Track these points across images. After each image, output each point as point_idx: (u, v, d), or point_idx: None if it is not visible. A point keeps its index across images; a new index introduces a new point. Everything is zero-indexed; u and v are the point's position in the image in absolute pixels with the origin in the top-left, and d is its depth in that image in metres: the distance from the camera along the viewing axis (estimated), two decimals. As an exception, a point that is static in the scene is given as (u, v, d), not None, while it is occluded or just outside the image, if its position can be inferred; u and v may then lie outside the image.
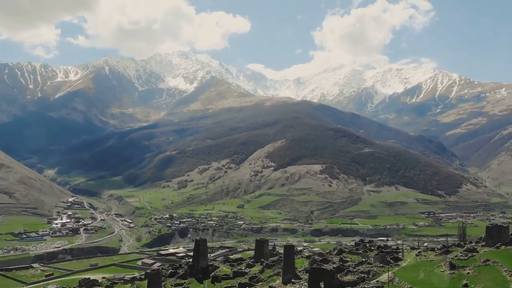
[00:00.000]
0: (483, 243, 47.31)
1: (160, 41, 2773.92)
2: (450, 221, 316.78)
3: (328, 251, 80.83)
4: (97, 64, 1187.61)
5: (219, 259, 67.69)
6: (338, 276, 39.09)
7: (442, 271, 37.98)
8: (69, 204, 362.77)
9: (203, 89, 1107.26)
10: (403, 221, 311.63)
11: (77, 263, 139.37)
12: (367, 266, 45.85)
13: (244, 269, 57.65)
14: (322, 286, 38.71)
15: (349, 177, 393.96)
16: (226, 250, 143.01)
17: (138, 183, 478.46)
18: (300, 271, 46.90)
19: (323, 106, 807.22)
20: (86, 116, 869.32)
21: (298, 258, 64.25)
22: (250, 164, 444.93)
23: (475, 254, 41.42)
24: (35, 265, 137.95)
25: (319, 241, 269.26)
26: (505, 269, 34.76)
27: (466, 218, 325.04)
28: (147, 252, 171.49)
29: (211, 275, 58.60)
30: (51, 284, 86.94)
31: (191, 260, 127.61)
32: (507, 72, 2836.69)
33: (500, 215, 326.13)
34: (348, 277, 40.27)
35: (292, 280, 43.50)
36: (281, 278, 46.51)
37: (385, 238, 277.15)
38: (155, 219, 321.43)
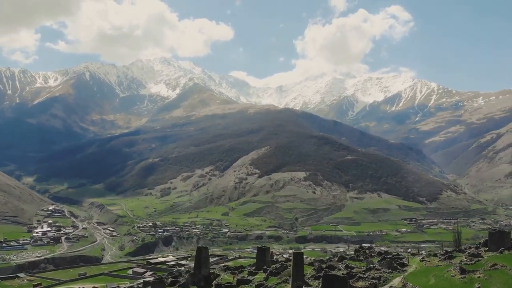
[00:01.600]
0: (486, 248, 48.90)
1: (142, 47, 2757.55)
2: (432, 227, 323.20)
3: (328, 257, 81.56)
4: (77, 70, 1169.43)
5: (217, 267, 67.32)
6: (350, 282, 39.85)
7: (452, 276, 39.07)
8: (49, 212, 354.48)
9: (185, 96, 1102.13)
10: (386, 228, 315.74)
11: (64, 273, 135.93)
12: (375, 272, 46.72)
13: (247, 277, 57.72)
14: None
15: (333, 184, 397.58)
16: (217, 258, 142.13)
17: (120, 191, 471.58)
18: (308, 278, 47.38)
19: (306, 113, 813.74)
20: (65, 122, 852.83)
21: None
22: (234, 171, 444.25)
23: (480, 259, 42.79)
24: (21, 274, 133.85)
25: (304, 248, 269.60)
26: None
27: (447, 225, 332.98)
28: (135, 261, 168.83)
29: (213, 283, 58.49)
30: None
31: (182, 268, 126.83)
32: (484, 82, 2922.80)
33: (480, 221, 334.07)
34: (360, 283, 40.99)
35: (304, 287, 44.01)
36: (289, 286, 46.94)
37: (369, 244, 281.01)
38: (138, 227, 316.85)
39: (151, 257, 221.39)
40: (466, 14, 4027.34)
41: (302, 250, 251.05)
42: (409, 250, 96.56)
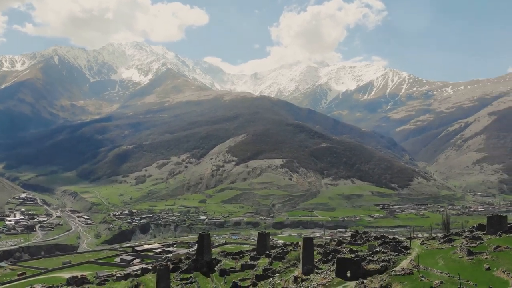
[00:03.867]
0: (485, 232, 51.95)
1: (113, 31, 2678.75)
2: (403, 212, 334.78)
3: (325, 242, 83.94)
4: (46, 54, 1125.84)
5: (215, 253, 68.25)
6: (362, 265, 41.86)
7: (460, 257, 41.48)
8: (21, 200, 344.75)
9: (158, 82, 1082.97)
10: (359, 213, 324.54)
11: (47, 262, 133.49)
12: (382, 255, 48.93)
13: (250, 262, 59.09)
14: (349, 274, 41.22)
15: (308, 171, 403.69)
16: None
17: (93, 178, 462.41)
18: (316, 262, 49.03)
19: (281, 101, 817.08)
20: (34, 108, 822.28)
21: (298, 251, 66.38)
22: (211, 158, 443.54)
23: (482, 241, 45.58)
24: (2, 264, 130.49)
25: (281, 234, 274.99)
26: None
27: (418, 210, 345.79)
28: (119, 249, 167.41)
29: (216, 268, 59.47)
30: (31, 283, 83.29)
31: (170, 255, 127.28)
32: (453, 72, 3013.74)
33: (449, 207, 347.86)
34: (371, 266, 42.94)
35: (316, 271, 45.53)
36: (297, 270, 48.51)
37: (344, 230, 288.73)
38: (114, 215, 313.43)
39: (128, 244, 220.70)
40: (438, 5, 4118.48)
41: (279, 235, 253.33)
42: (410, 234, 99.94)
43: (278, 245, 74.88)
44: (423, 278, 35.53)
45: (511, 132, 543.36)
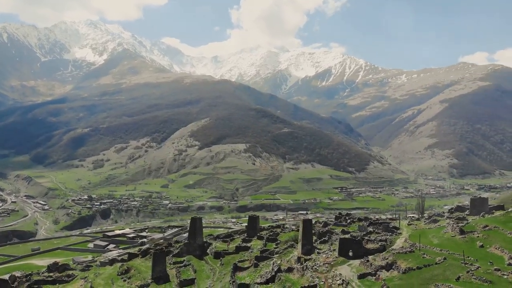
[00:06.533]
0: (467, 213, 56.35)
1: (66, 8, 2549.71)
2: (361, 195, 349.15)
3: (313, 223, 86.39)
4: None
5: (209, 237, 69.13)
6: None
7: (452, 236, 45.04)
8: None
9: (114, 62, 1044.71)
10: (319, 196, 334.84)
11: (14, 248, 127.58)
12: (377, 235, 51.99)
13: (242, 244, 60.50)
14: (351, 254, 43.73)
15: (271, 155, 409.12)
16: (178, 229, 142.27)
17: (48, 162, 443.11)
18: (314, 242, 51.25)
19: (243, 86, 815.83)
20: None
21: (288, 232, 68.56)
22: (173, 143, 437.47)
23: (468, 222, 49.54)
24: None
25: (245, 217, 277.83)
26: (508, 232, 42.68)
27: (374, 193, 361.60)
28: (89, 234, 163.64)
29: (208, 251, 60.39)
30: (3, 271, 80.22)
31: (145, 240, 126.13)
32: (407, 60, 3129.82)
33: (403, 190, 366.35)
34: (370, 245, 45.63)
35: (317, 251, 47.73)
36: (296, 250, 50.57)
37: (305, 212, 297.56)
38: (73, 200, 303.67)
39: (89, 230, 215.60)
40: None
41: (243, 219, 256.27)
42: (396, 215, 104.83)
43: (266, 228, 76.92)
44: (425, 255, 38.66)
45: (461, 119, 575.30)
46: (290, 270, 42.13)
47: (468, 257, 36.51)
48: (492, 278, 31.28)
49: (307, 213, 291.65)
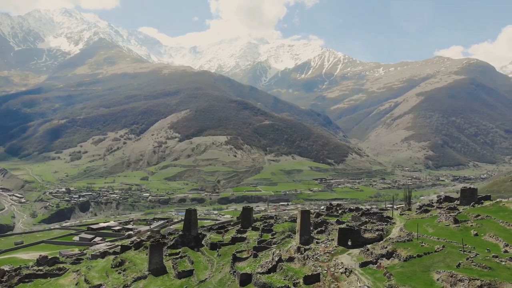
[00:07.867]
0: (457, 202, 58.43)
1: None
2: (339, 186, 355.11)
3: None
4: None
5: (203, 229, 69.19)
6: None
7: (447, 225, 46.84)
8: None
9: (90, 52, 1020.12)
10: (300, 187, 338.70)
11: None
12: (372, 225, 53.50)
13: (237, 235, 61.09)
14: (350, 243, 44.95)
15: (252, 147, 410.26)
16: (164, 221, 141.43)
17: (23, 155, 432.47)
18: (312, 232, 52.27)
19: (223, 77, 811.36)
20: None
21: (282, 223, 69.65)
22: (152, 134, 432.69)
23: (459, 211, 51.49)
24: None
25: (227, 209, 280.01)
26: (500, 221, 44.75)
27: (353, 184, 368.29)
28: (71, 227, 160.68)
29: (203, 242, 60.70)
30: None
31: (131, 232, 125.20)
32: (385, 53, 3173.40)
33: (381, 181, 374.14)
34: (368, 235, 46.97)
35: (316, 240, 48.82)
36: (294, 240, 51.56)
37: (286, 203, 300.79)
38: (50, 193, 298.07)
39: (68, 223, 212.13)
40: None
41: (225, 210, 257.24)
42: (389, 206, 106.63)
43: (260, 218, 77.79)
44: (423, 244, 40.24)
45: (437, 112, 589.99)
46: (291, 259, 43.09)
47: (466, 245, 38.28)
48: (491, 264, 33.03)
49: (288, 204, 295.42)
